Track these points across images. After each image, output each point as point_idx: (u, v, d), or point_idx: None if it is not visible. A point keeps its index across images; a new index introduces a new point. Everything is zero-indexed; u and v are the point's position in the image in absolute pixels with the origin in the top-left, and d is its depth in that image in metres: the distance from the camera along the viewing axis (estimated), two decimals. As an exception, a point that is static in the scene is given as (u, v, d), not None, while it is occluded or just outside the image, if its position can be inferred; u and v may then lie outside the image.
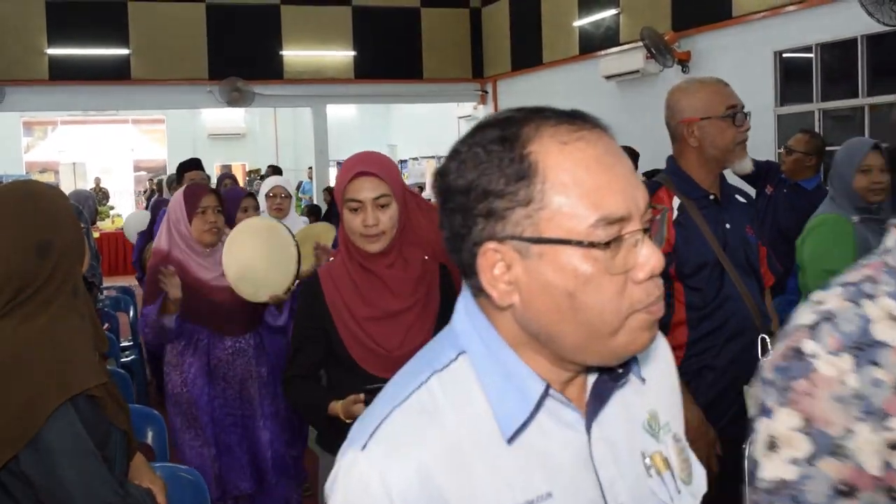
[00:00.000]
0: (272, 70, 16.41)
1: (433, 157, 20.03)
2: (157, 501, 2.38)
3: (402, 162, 21.04)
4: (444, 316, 2.70)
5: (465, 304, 1.23)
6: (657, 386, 1.34)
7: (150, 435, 3.73)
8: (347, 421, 2.50)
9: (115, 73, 15.61)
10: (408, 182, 18.18)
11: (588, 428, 1.20)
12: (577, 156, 1.11)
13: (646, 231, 1.13)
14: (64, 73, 15.33)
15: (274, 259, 4.02)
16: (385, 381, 2.34)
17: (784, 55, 10.67)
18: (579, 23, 14.45)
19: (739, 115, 3.01)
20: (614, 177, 1.11)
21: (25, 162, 24.07)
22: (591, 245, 1.08)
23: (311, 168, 19.56)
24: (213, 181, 8.70)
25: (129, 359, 6.41)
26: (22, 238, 2.09)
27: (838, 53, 10.04)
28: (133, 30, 15.67)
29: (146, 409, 3.91)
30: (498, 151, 1.13)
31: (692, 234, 3.03)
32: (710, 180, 3.09)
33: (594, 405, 1.22)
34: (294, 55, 16.59)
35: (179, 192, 4.25)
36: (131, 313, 7.30)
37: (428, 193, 13.39)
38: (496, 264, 1.13)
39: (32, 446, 1.98)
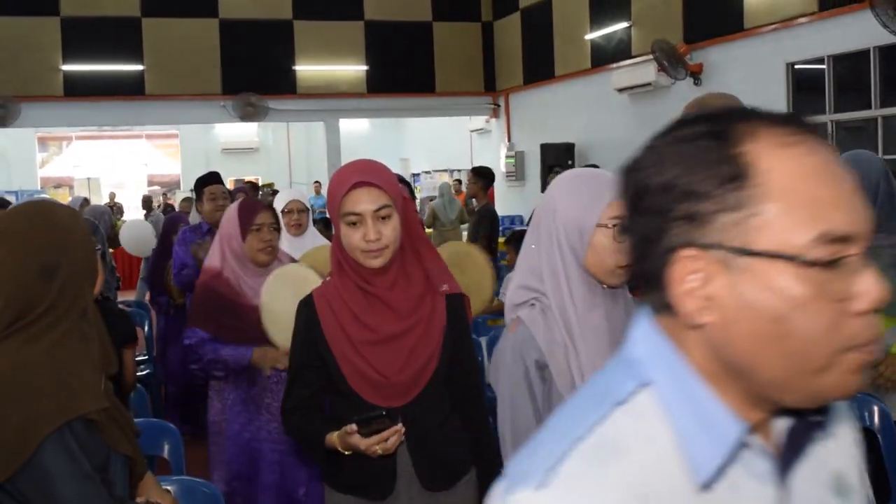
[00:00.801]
0: (285, 85, 16.48)
1: (445, 170, 20.05)
2: None
3: (415, 175, 21.05)
4: (449, 341, 2.60)
5: (643, 326, 1.07)
6: (844, 440, 1.16)
7: (166, 448, 3.74)
8: (346, 453, 2.42)
9: (130, 88, 15.71)
10: (420, 196, 18.22)
11: (782, 481, 1.03)
12: (799, 161, 0.96)
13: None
14: (78, 88, 15.44)
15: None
16: (381, 409, 2.39)
17: (796, 67, 10.66)
18: (591, 36, 14.47)
19: None
20: (840, 189, 0.95)
21: (40, 177, 24.19)
22: (810, 263, 0.92)
23: (318, 182, 19.59)
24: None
25: (144, 373, 6.43)
26: (27, 259, 2.06)
27: (851, 65, 10.03)
28: (147, 46, 15.77)
29: (162, 422, 3.92)
30: (707, 148, 0.98)
31: None
32: None
33: (789, 456, 1.05)
34: (307, 70, 16.66)
35: (234, 207, 3.94)
36: (146, 328, 7.32)
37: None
38: (692, 275, 0.98)
39: (29, 468, 1.95)
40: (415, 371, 2.52)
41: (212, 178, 6.16)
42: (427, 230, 14.74)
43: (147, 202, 16.91)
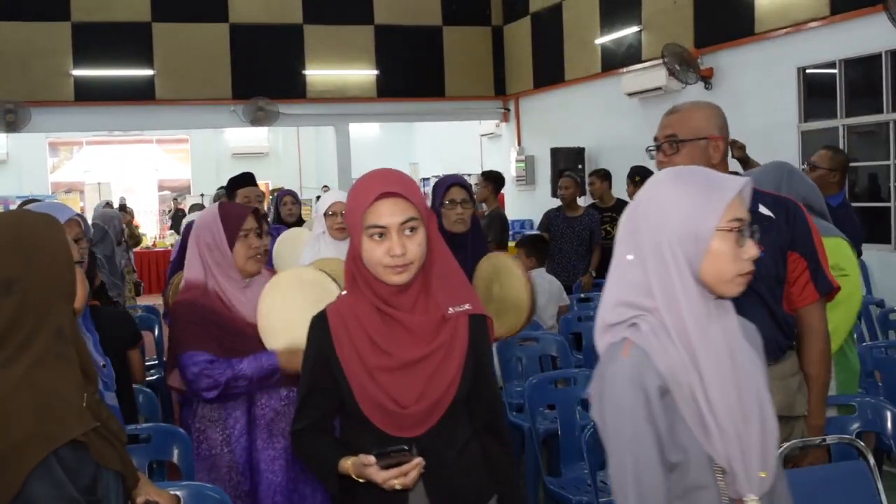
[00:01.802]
0: (295, 89, 16.49)
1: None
2: None
3: (425, 180, 21.05)
4: (470, 366, 2.44)
5: None
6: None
7: (175, 453, 3.73)
8: (360, 481, 2.30)
9: (140, 93, 15.74)
10: (429, 201, 18.14)
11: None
12: None
13: None
14: (89, 94, 15.47)
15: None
16: (400, 443, 2.27)
17: (807, 71, 10.62)
18: (601, 40, 14.45)
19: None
20: None
21: (51, 182, 24.29)
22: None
23: (326, 187, 19.59)
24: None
25: (154, 377, 6.43)
26: None
27: (862, 69, 9.99)
28: (157, 50, 15.80)
29: (172, 427, 3.91)
30: None
31: None
32: None
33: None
34: (317, 74, 16.67)
35: (211, 213, 3.56)
36: (156, 332, 7.33)
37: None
38: None
39: (14, 500, 1.89)
40: (433, 400, 2.38)
41: (246, 180, 5.72)
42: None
43: (176, 218, 16.66)
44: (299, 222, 7.25)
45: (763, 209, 3.12)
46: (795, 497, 2.14)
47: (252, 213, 3.58)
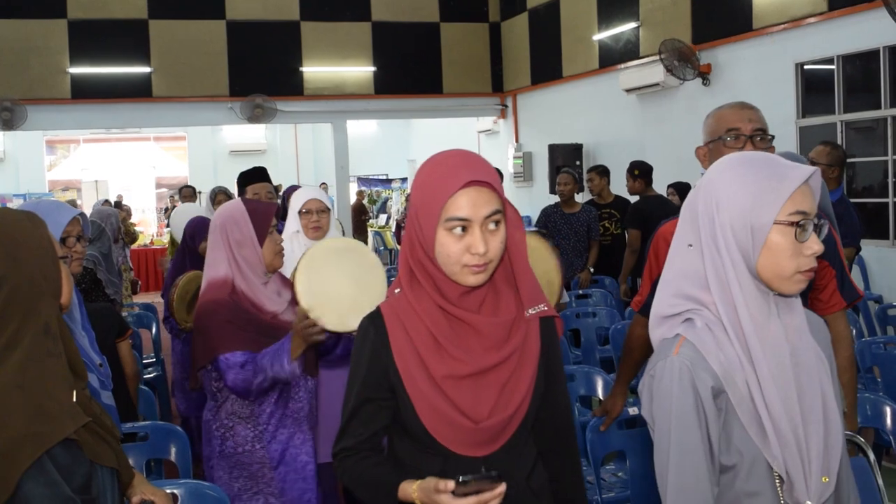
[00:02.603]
0: (292, 86, 16.48)
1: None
2: None
3: (423, 177, 21.04)
4: (542, 375, 2.17)
5: None
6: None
7: (173, 451, 3.73)
8: None
9: (137, 90, 15.72)
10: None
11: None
12: None
13: None
14: (86, 91, 15.45)
15: (362, 281, 3.20)
16: (478, 465, 2.04)
17: (805, 67, 10.61)
18: (599, 36, 14.44)
19: (737, 136, 2.97)
20: None
21: (48, 180, 24.28)
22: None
23: (324, 184, 19.58)
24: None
25: (152, 375, 6.42)
26: None
27: (860, 65, 9.98)
28: (154, 48, 15.78)
29: (169, 425, 3.91)
30: None
31: None
32: None
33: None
34: (314, 71, 16.66)
35: (238, 209, 3.43)
36: (154, 329, 7.32)
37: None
38: None
39: (8, 500, 1.87)
40: (507, 413, 2.08)
41: (257, 175, 5.37)
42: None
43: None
44: None
45: None
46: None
47: (277, 209, 3.56)
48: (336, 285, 3.17)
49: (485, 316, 2.08)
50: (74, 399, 2.03)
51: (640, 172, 8.45)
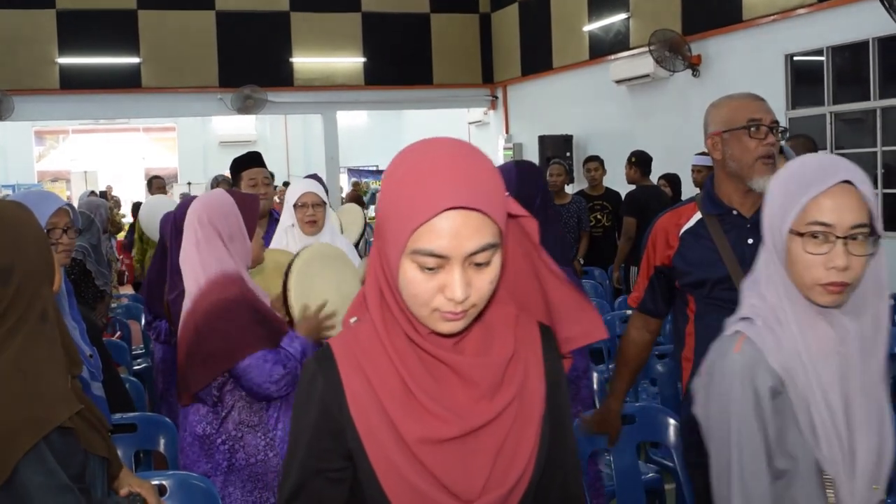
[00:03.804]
0: (282, 77, 16.44)
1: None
2: (147, 502, 2.37)
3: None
4: (548, 424, 1.63)
5: None
6: None
7: (161, 443, 3.72)
8: None
9: (126, 81, 15.67)
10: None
11: None
12: None
13: None
14: (75, 82, 15.39)
15: (344, 292, 3.24)
16: None
17: (795, 58, 10.63)
18: (589, 27, 14.43)
19: (759, 127, 2.92)
20: None
21: (37, 171, 24.23)
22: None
23: (316, 175, 19.56)
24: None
25: (141, 367, 6.41)
26: None
27: (850, 56, 9.99)
28: (143, 38, 15.72)
29: (158, 416, 3.91)
30: None
31: (702, 250, 3.01)
32: (738, 196, 3.00)
33: None
34: (304, 62, 16.62)
35: (228, 202, 3.22)
36: (143, 321, 7.31)
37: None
38: None
39: (5, 487, 1.88)
40: (506, 488, 1.56)
41: (252, 160, 5.07)
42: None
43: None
44: None
45: None
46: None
47: None
48: (321, 293, 3.15)
49: (470, 355, 1.54)
50: (69, 385, 2.06)
51: (637, 161, 8.51)
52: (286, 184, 15.72)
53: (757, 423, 1.78)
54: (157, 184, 11.55)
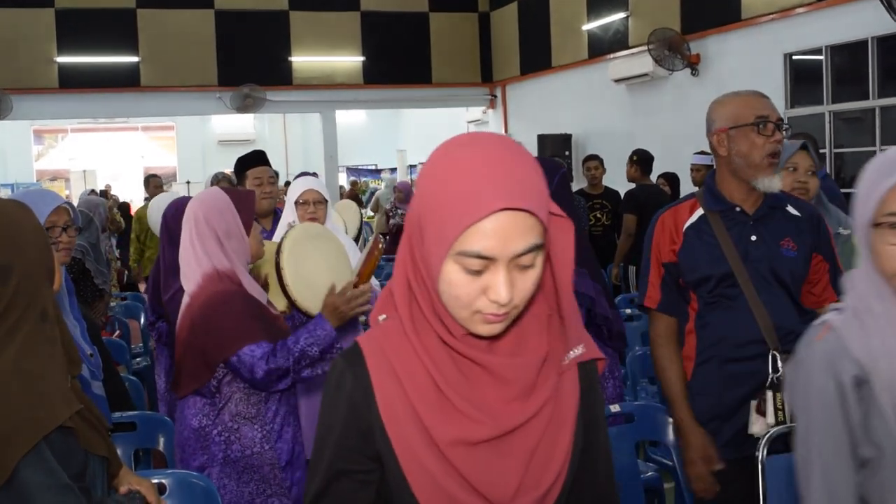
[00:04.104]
0: (281, 76, 16.44)
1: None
2: (147, 500, 2.37)
3: (412, 167, 21.04)
4: (581, 432, 1.60)
5: None
6: None
7: (161, 441, 3.72)
8: None
9: (125, 80, 15.66)
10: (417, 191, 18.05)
11: None
12: None
13: None
14: (74, 81, 15.38)
15: (334, 266, 3.36)
16: None
17: (794, 57, 10.63)
18: (588, 26, 14.43)
19: (766, 124, 2.91)
20: None
21: (36, 170, 24.20)
22: None
23: (315, 174, 19.55)
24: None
25: (140, 366, 6.41)
26: None
27: (848, 55, 10.00)
28: (142, 37, 15.71)
29: (157, 415, 3.91)
30: None
31: (705, 246, 3.00)
32: (741, 193, 3.00)
33: None
34: (303, 61, 16.61)
35: (223, 199, 3.21)
36: (142, 320, 7.30)
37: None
38: None
39: (6, 486, 1.87)
40: (540, 491, 1.53)
41: (257, 159, 5.04)
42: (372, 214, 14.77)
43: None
44: None
45: (791, 209, 3.10)
46: (788, 482, 2.10)
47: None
48: (315, 272, 3.23)
49: (503, 356, 1.50)
50: (69, 385, 2.05)
51: (639, 159, 8.54)
52: (287, 184, 15.76)
53: (839, 411, 1.77)
54: (154, 182, 11.47)
